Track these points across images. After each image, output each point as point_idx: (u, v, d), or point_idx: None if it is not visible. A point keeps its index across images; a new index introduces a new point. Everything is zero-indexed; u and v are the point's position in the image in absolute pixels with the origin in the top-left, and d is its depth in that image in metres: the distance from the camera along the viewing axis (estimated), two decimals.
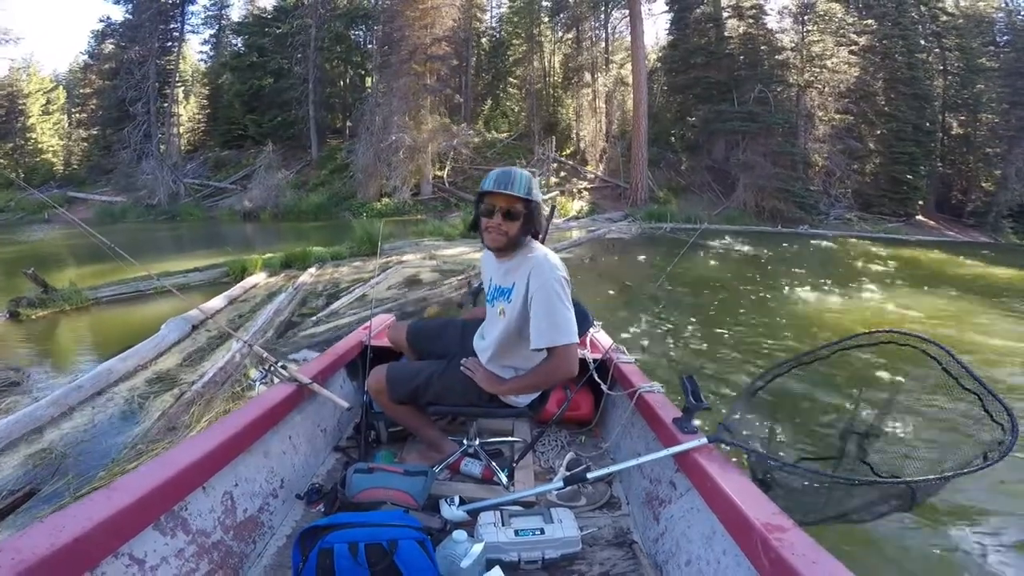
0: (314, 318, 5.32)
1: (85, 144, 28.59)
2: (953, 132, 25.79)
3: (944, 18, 25.96)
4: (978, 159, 24.95)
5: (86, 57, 28.97)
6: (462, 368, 1.69)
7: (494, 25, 32.24)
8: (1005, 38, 26.46)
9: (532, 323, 1.51)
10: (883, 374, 3.35)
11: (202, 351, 4.34)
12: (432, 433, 1.90)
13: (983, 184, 24.89)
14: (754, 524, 1.07)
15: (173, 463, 1.21)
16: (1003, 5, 27.14)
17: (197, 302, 5.39)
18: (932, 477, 1.18)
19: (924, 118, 23.49)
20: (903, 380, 1.56)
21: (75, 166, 28.53)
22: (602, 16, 26.65)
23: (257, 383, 1.85)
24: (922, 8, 25.25)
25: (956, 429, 1.25)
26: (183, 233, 16.18)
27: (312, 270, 7.59)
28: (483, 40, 30.31)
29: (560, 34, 28.09)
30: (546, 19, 27.86)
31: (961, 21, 26.20)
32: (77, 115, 30.98)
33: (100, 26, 25.83)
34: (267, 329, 4.92)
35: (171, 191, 21.30)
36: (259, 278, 7.03)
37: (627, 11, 22.95)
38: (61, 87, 34.84)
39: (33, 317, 5.38)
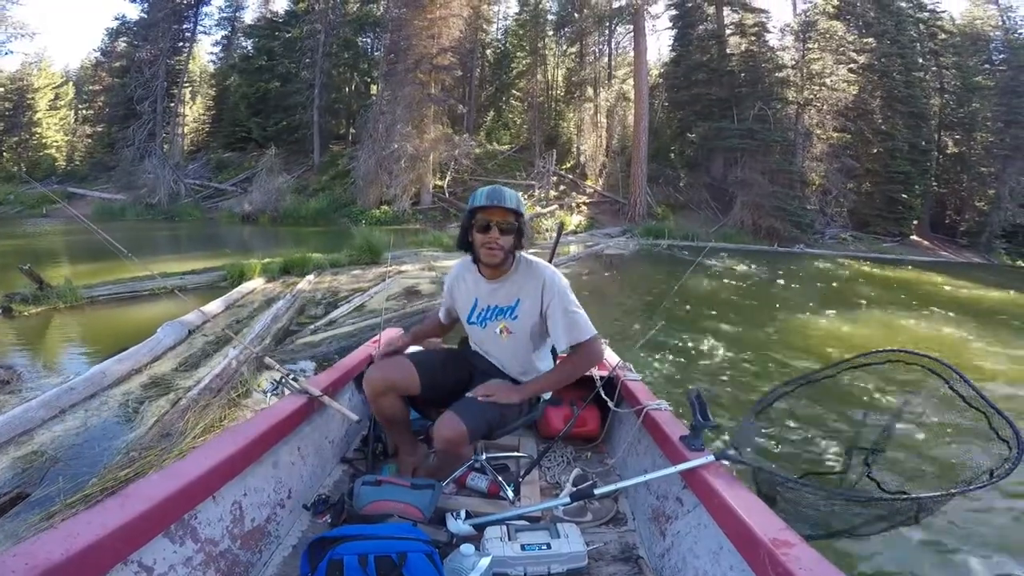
0: (312, 327, 5.28)
1: (89, 141, 28.76)
2: (948, 151, 25.95)
3: (942, 36, 26.19)
4: (972, 178, 25.12)
5: (98, 54, 29.24)
6: (480, 398, 1.64)
7: (499, 37, 32.48)
8: (1001, 56, 26.68)
9: (553, 329, 1.66)
10: (888, 392, 3.36)
11: (198, 356, 4.27)
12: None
13: (977, 204, 25.07)
14: (761, 539, 1.08)
15: (185, 472, 1.21)
16: (1000, 23, 27.35)
17: (195, 305, 5.34)
18: (938, 493, 1.19)
19: (920, 137, 23.63)
20: (908, 398, 1.57)
21: (77, 162, 28.63)
22: (606, 31, 26.83)
23: (268, 394, 1.84)
24: (921, 26, 25.50)
25: (961, 446, 1.27)
26: (181, 233, 16.16)
27: (311, 277, 7.55)
28: (488, 52, 30.56)
29: (564, 48, 28.28)
30: (551, 33, 27.99)
31: (958, 39, 26.43)
32: (84, 112, 31.19)
33: (115, 24, 26.30)
34: (264, 336, 4.85)
35: (172, 191, 21.29)
36: (257, 283, 6.97)
37: (631, 27, 23.19)
38: (71, 83, 34.96)
39: (26, 314, 5.33)
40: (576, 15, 25.24)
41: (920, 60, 24.90)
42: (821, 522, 1.32)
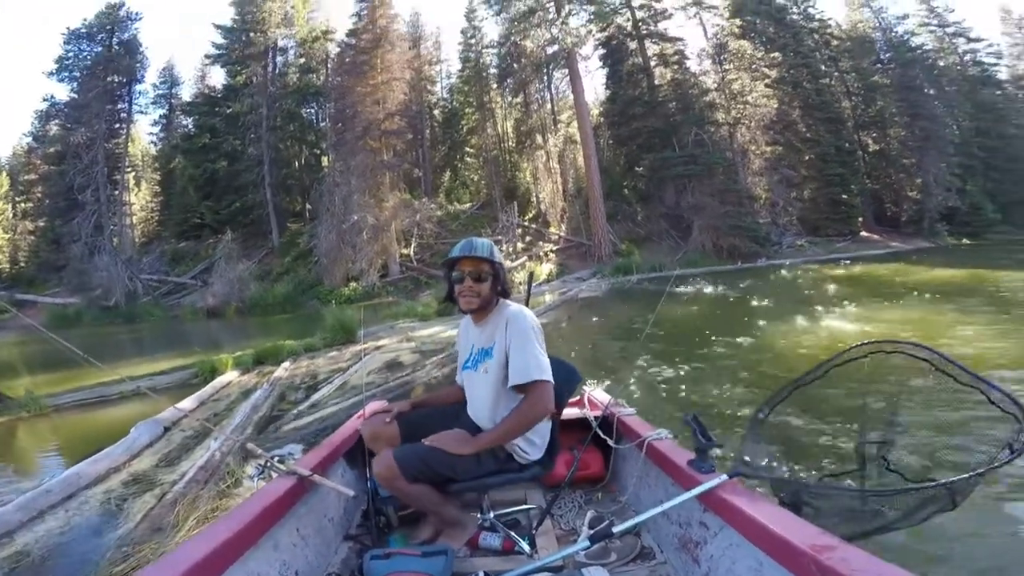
0: (295, 411, 5.16)
1: (32, 238, 26.78)
2: (870, 149, 28.23)
3: (835, 43, 29.05)
4: (898, 171, 27.06)
5: (30, 139, 27.69)
6: (426, 443, 1.67)
7: (445, 96, 33.38)
8: (888, 55, 29.37)
9: (510, 365, 1.64)
10: (880, 384, 3.37)
11: (178, 451, 4.17)
12: (452, 511, 1.81)
13: (910, 194, 26.80)
14: (800, 547, 1.07)
15: (181, 561, 1.14)
16: (877, 24, 30.44)
17: (167, 404, 5.20)
18: (965, 476, 1.17)
19: (842, 139, 25.78)
20: (901, 387, 1.59)
21: (22, 263, 26.91)
22: (545, 78, 27.95)
23: (255, 479, 1.78)
24: (815, 36, 28.22)
25: (970, 425, 1.26)
26: (144, 335, 15.57)
27: (286, 364, 7.37)
28: (436, 112, 31.38)
29: (509, 99, 29.00)
30: (495, 86, 28.77)
31: (849, 44, 29.28)
32: (22, 205, 29.28)
33: (44, 106, 24.47)
34: (246, 426, 4.76)
35: (127, 289, 20.31)
36: (231, 376, 6.80)
37: (568, 71, 24.32)
38: (4, 172, 32.69)
39: None
40: (515, 65, 26.27)
41: (823, 67, 27.57)
42: (852, 522, 1.30)
